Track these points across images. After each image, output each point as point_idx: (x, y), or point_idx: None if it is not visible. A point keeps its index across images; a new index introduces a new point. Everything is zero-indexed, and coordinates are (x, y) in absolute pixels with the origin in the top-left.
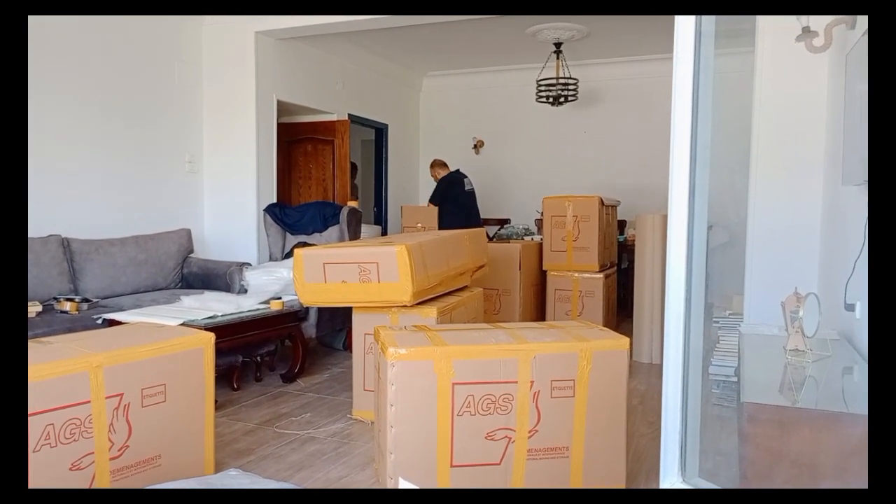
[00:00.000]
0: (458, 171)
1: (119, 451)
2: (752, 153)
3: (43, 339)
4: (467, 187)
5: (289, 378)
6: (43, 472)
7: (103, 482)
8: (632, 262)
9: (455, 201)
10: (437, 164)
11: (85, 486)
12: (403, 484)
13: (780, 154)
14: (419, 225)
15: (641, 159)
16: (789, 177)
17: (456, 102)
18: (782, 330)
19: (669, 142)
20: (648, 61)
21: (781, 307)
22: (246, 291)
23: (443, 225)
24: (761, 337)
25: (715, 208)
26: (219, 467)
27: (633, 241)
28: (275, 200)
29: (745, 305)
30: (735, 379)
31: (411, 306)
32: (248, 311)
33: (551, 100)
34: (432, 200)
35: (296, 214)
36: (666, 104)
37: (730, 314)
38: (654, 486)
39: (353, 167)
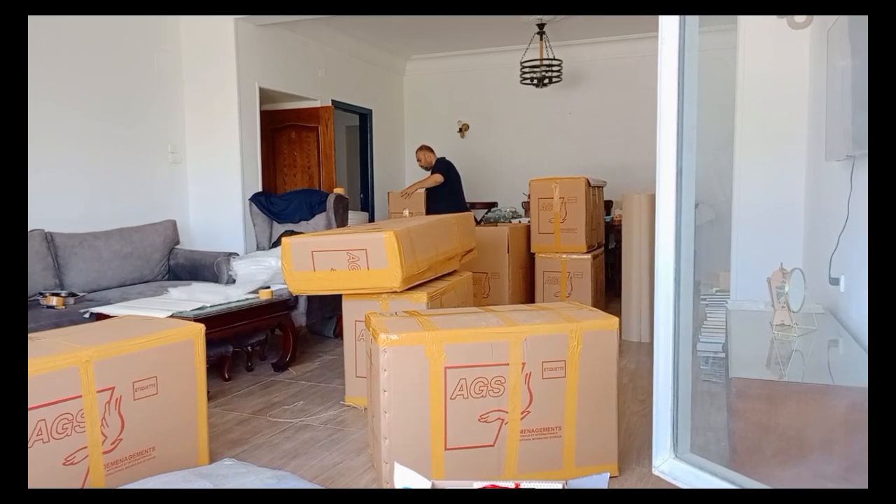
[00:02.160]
0: (444, 159)
1: (112, 444)
2: (737, 130)
3: (31, 335)
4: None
5: (280, 367)
6: (36, 467)
7: (98, 476)
8: (619, 242)
9: (451, 185)
10: (426, 149)
11: (79, 479)
12: (399, 468)
13: (763, 131)
14: (406, 211)
15: (626, 139)
16: (773, 153)
17: (440, 86)
18: (768, 305)
19: (654, 121)
20: (632, 40)
21: (767, 283)
22: (234, 282)
23: (439, 209)
24: (748, 313)
25: (700, 186)
26: (213, 457)
27: (620, 221)
28: (260, 189)
29: (731, 282)
30: (723, 355)
31: (401, 292)
32: (237, 301)
33: (535, 81)
34: (437, 171)
35: (282, 203)
36: (650, 83)
37: (717, 291)
38: (646, 463)
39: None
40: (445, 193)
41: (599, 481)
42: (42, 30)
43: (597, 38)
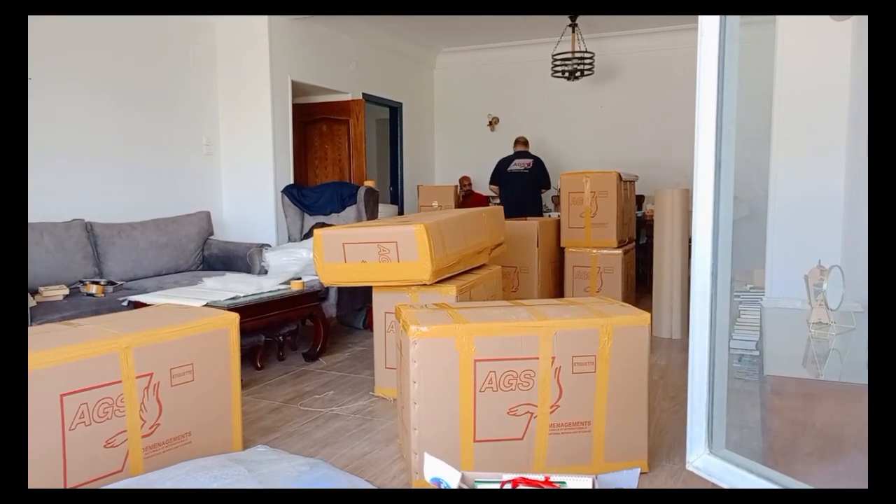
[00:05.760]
0: (516, 153)
1: (150, 429)
2: (774, 124)
3: (73, 322)
4: (511, 168)
5: (311, 357)
6: (78, 449)
7: (136, 459)
8: (650, 237)
9: (500, 183)
10: (514, 142)
11: (119, 462)
12: (428, 459)
13: (802, 125)
14: (435, 203)
15: (659, 133)
16: (811, 148)
17: (470, 79)
18: (805, 303)
19: (689, 114)
20: (666, 33)
21: (804, 280)
22: (266, 272)
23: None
24: (783, 311)
25: (735, 181)
26: (246, 444)
27: (652, 216)
28: (292, 182)
29: (766, 279)
30: (756, 353)
31: (431, 285)
32: (270, 291)
33: (567, 74)
34: (490, 182)
35: (313, 195)
36: (684, 75)
37: (751, 288)
38: (676, 460)
39: None
40: (500, 195)
41: (630, 477)
42: (79, 26)
43: (630, 31)
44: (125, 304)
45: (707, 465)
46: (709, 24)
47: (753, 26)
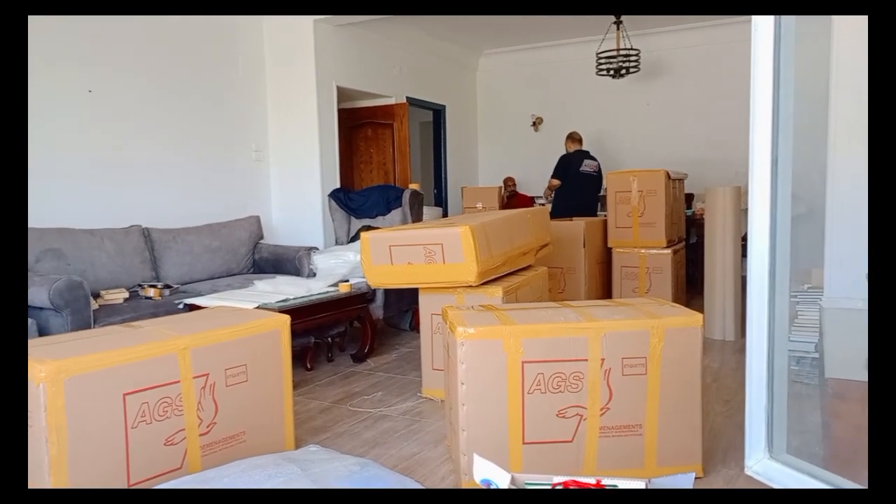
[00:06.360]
0: (580, 151)
1: (207, 427)
2: (831, 117)
3: (133, 324)
4: (583, 168)
5: (359, 358)
6: (140, 447)
7: (195, 457)
8: (700, 236)
9: (566, 180)
10: (567, 138)
11: (178, 459)
12: (478, 460)
13: (860, 117)
14: (479, 205)
15: (708, 130)
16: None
17: (513, 80)
18: (867, 303)
19: (738, 111)
20: (713, 27)
21: (867, 279)
22: (315, 275)
23: (554, 200)
24: (844, 311)
25: (792, 177)
26: (298, 444)
27: (702, 215)
28: (338, 185)
29: (825, 278)
30: (815, 355)
31: (477, 286)
32: (318, 293)
33: (612, 72)
34: (553, 176)
35: (359, 199)
36: (733, 70)
37: (808, 288)
38: (732, 465)
39: None
40: (561, 188)
41: (684, 481)
42: (132, 36)
43: (676, 27)
44: (181, 306)
45: (767, 469)
46: (763, 21)
47: (808, 19)
